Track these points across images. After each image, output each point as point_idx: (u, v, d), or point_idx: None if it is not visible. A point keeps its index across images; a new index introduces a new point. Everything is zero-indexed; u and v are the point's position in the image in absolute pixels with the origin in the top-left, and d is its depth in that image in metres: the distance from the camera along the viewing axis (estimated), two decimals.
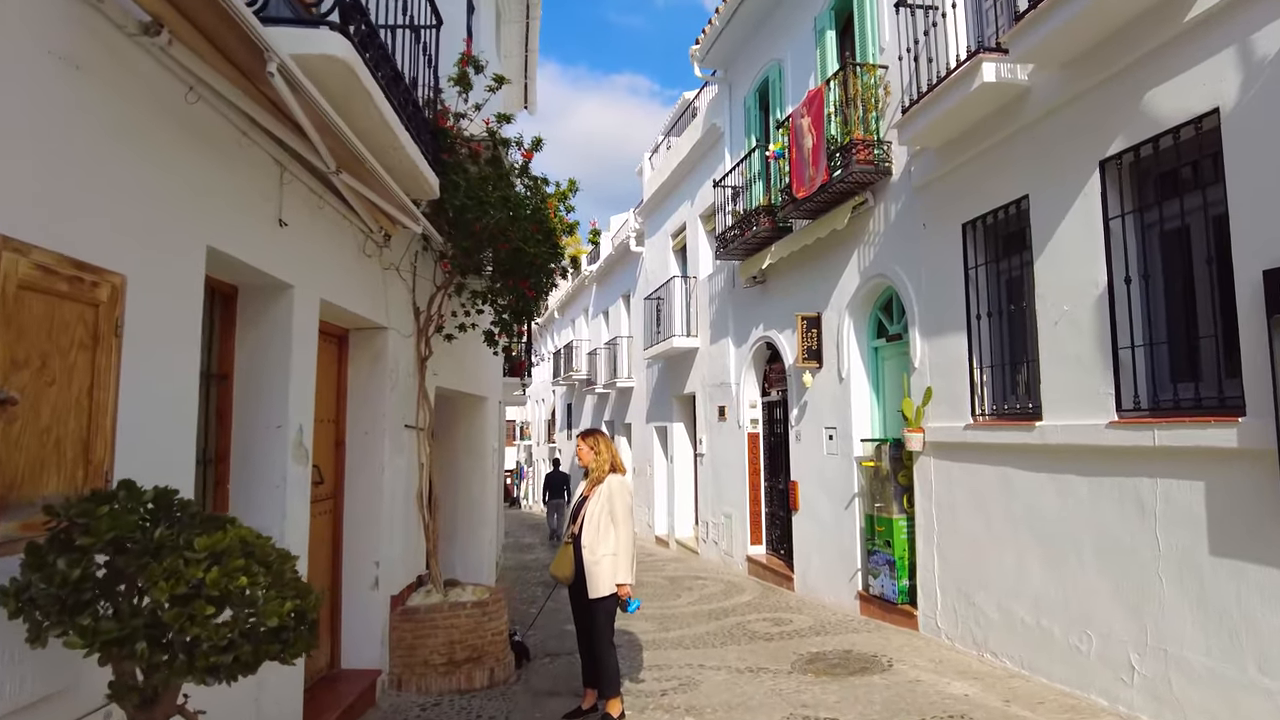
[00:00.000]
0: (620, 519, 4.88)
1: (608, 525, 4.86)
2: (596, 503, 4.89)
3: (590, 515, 4.87)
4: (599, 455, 5.01)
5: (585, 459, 5.04)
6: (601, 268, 19.97)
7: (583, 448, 5.06)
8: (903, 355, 7.69)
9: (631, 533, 4.94)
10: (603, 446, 5.05)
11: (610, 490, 4.91)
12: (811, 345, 8.79)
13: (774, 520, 10.64)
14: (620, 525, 4.87)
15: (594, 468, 5.01)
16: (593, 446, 5.03)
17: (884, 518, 7.43)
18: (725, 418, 11.54)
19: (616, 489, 4.92)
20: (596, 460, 5.01)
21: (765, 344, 10.37)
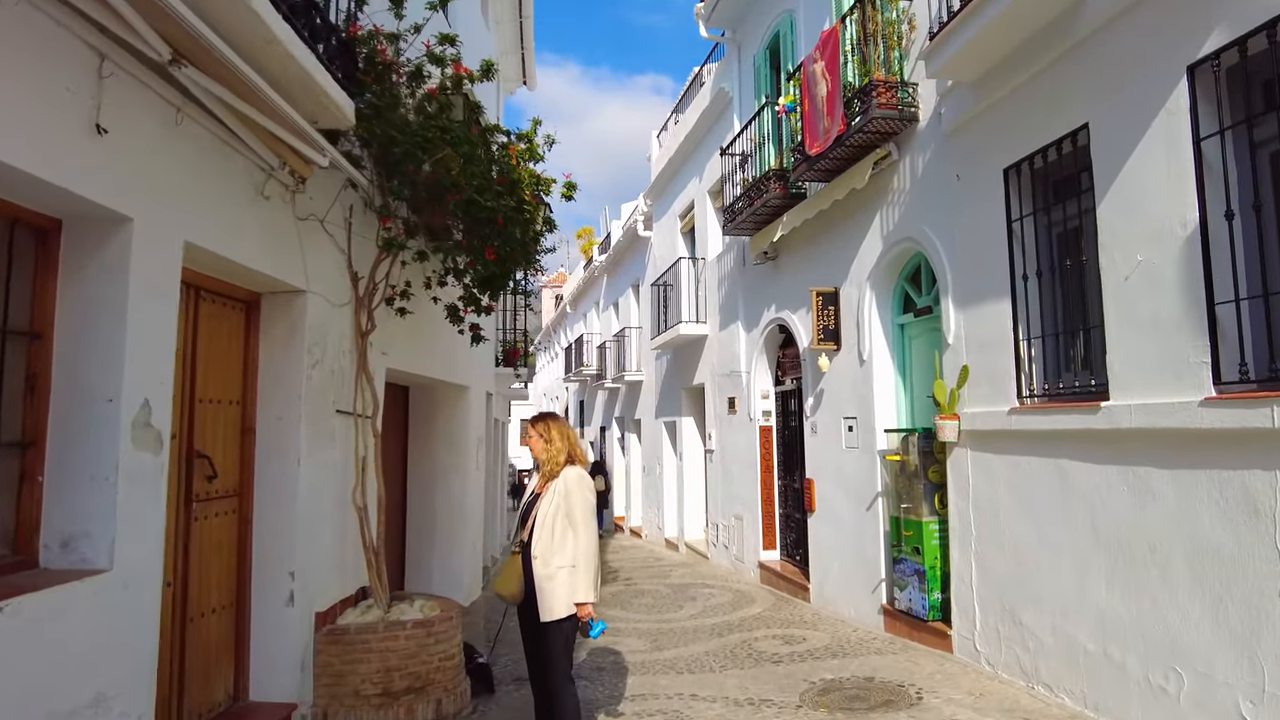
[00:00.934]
0: (580, 522, 3.90)
1: (564, 530, 3.89)
2: (550, 502, 3.92)
3: (542, 518, 3.90)
4: (551, 445, 4.03)
5: (536, 450, 4.07)
6: (611, 257, 19.02)
7: (531, 436, 4.08)
8: (933, 331, 6.63)
9: (594, 539, 3.96)
10: (555, 434, 4.07)
11: (567, 486, 3.93)
12: (828, 324, 7.74)
13: (789, 523, 9.60)
14: (580, 530, 3.90)
15: (545, 460, 4.04)
16: (543, 434, 4.06)
17: (912, 520, 6.38)
18: (735, 410, 10.52)
19: (575, 485, 3.94)
20: (548, 451, 4.03)
21: (778, 327, 9.34)
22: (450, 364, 7.93)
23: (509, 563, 4.01)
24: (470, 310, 6.38)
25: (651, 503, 15.29)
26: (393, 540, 8.28)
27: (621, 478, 18.48)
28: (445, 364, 7.70)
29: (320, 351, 4.74)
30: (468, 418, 8.72)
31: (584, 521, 3.90)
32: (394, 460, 8.37)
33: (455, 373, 8.21)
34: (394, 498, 8.27)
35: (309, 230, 4.62)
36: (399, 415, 8.46)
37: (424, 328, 6.74)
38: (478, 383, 9.35)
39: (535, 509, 3.95)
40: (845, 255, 7.63)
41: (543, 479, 4.02)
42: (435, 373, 7.32)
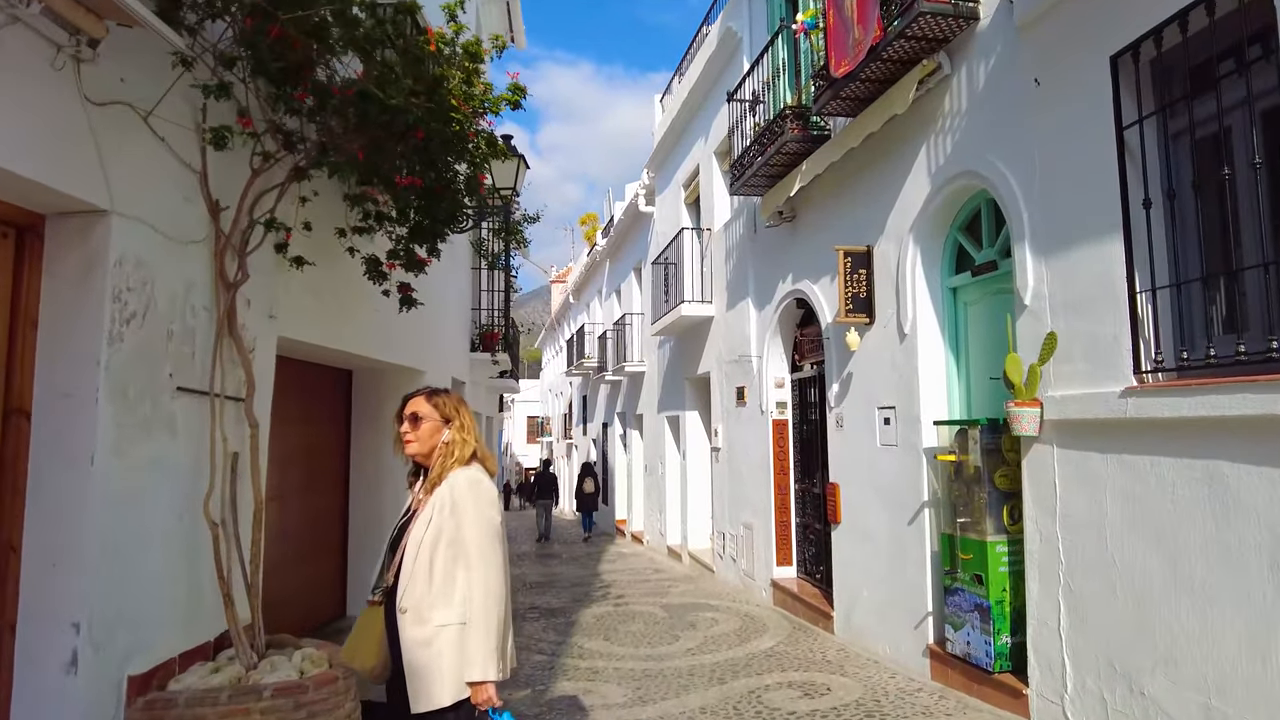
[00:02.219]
0: (477, 552, 2.44)
1: (449, 569, 2.44)
2: (427, 524, 2.46)
3: (414, 549, 2.45)
4: (422, 438, 2.57)
5: (411, 445, 2.59)
6: (612, 240, 17.57)
7: (407, 421, 2.61)
8: (999, 293, 5.13)
9: (498, 578, 2.48)
10: (454, 412, 2.62)
11: (454, 498, 2.47)
12: (858, 292, 6.24)
13: (808, 535, 8.10)
14: (477, 565, 2.44)
15: (420, 454, 2.58)
16: (427, 417, 2.59)
17: (972, 540, 4.88)
18: (745, 401, 9.04)
19: (467, 494, 2.48)
20: (424, 444, 2.58)
21: (795, 300, 7.84)
22: (392, 341, 6.50)
23: (365, 619, 2.55)
24: (396, 265, 4.94)
25: (653, 506, 13.83)
26: (332, 556, 6.89)
27: (623, 478, 17.03)
28: (383, 340, 6.27)
29: (141, 302, 3.31)
30: None
31: (483, 552, 2.44)
32: (333, 460, 6.97)
33: (401, 352, 6.79)
34: (333, 503, 6.88)
35: (117, 125, 3.18)
36: (338, 405, 7.05)
37: (346, 291, 5.33)
38: (438, 367, 7.92)
39: (406, 536, 2.49)
40: (880, 205, 6.13)
41: (428, 485, 2.56)
42: (366, 349, 5.90)
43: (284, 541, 6.04)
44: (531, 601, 8.91)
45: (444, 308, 8.34)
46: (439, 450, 2.55)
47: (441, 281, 8.30)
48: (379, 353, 6.16)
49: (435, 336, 7.87)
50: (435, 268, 8.14)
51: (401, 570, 2.43)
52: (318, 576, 6.66)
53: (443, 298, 8.30)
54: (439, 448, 2.54)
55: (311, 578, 6.53)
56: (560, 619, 7.85)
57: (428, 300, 7.63)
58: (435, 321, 7.86)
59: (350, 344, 5.54)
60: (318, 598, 6.65)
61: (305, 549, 6.40)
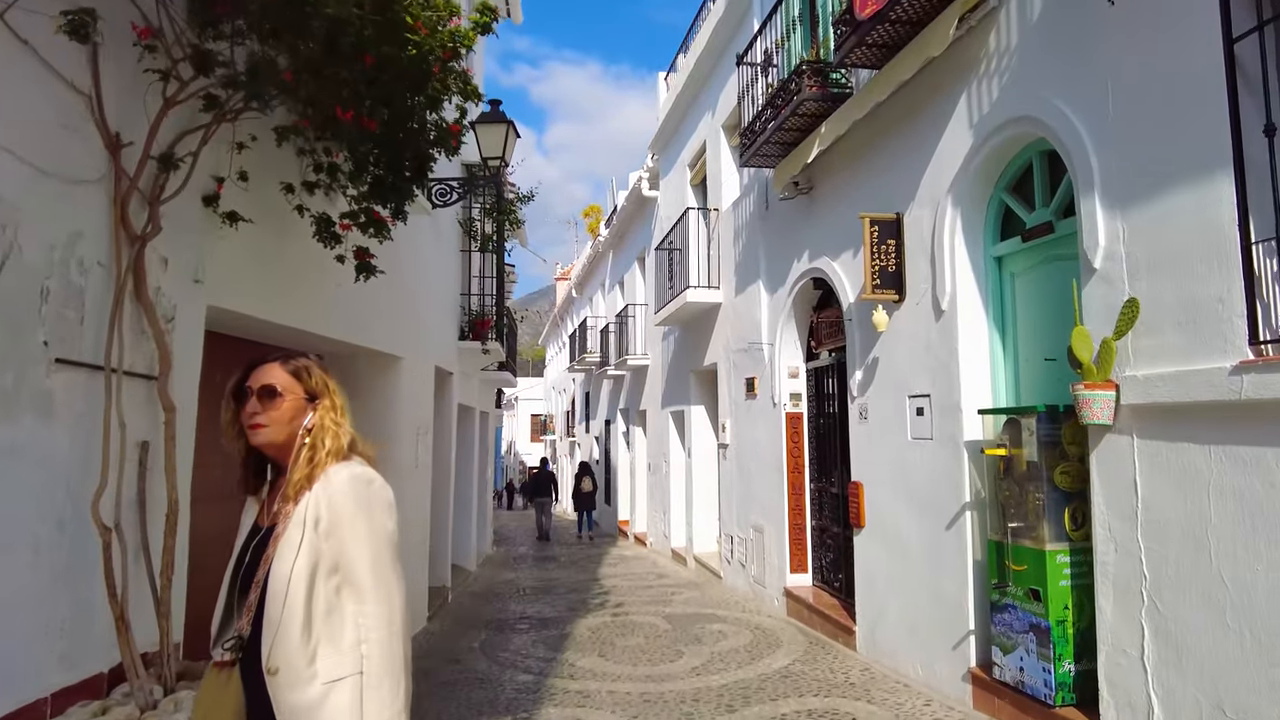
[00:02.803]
0: (374, 580, 1.73)
1: (334, 603, 1.71)
2: (295, 547, 1.69)
3: (278, 583, 1.68)
4: (278, 422, 1.78)
5: (261, 432, 1.78)
6: (615, 229, 16.85)
7: (255, 401, 1.79)
8: (1058, 258, 4.41)
9: (398, 605, 1.76)
10: (302, 390, 1.84)
11: (333, 509, 1.73)
12: (886, 265, 5.51)
13: (825, 539, 7.37)
14: (374, 596, 1.72)
15: (274, 444, 1.80)
16: (287, 392, 1.81)
17: (1026, 548, 4.14)
18: (755, 393, 8.31)
19: (349, 502, 1.74)
20: (281, 430, 1.79)
21: (812, 281, 7.11)
22: (361, 321, 5.80)
23: (210, 687, 1.77)
24: (351, 226, 4.24)
25: (657, 506, 13.11)
26: None
27: (626, 477, 16.32)
28: (349, 320, 5.56)
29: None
30: (399, 399, 6.60)
31: (381, 577, 1.73)
32: None
33: (374, 335, 6.08)
34: None
35: None
36: None
37: (301, 259, 4.62)
38: (420, 354, 7.22)
39: (267, 561, 1.73)
40: (911, 167, 5.40)
41: (289, 493, 1.76)
42: (327, 329, 5.19)
43: None
44: (523, 610, 8.20)
45: (427, 290, 7.65)
46: (303, 439, 1.77)
47: (424, 261, 7.60)
48: (344, 334, 5.46)
49: (416, 321, 7.17)
50: (418, 246, 7.49)
51: (264, 616, 1.68)
52: None
53: (425, 279, 7.60)
54: (303, 435, 1.78)
55: None
56: (553, 630, 7.13)
57: (408, 280, 6.96)
58: (416, 304, 7.16)
59: (306, 321, 4.83)
60: None
61: None
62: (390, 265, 6.48)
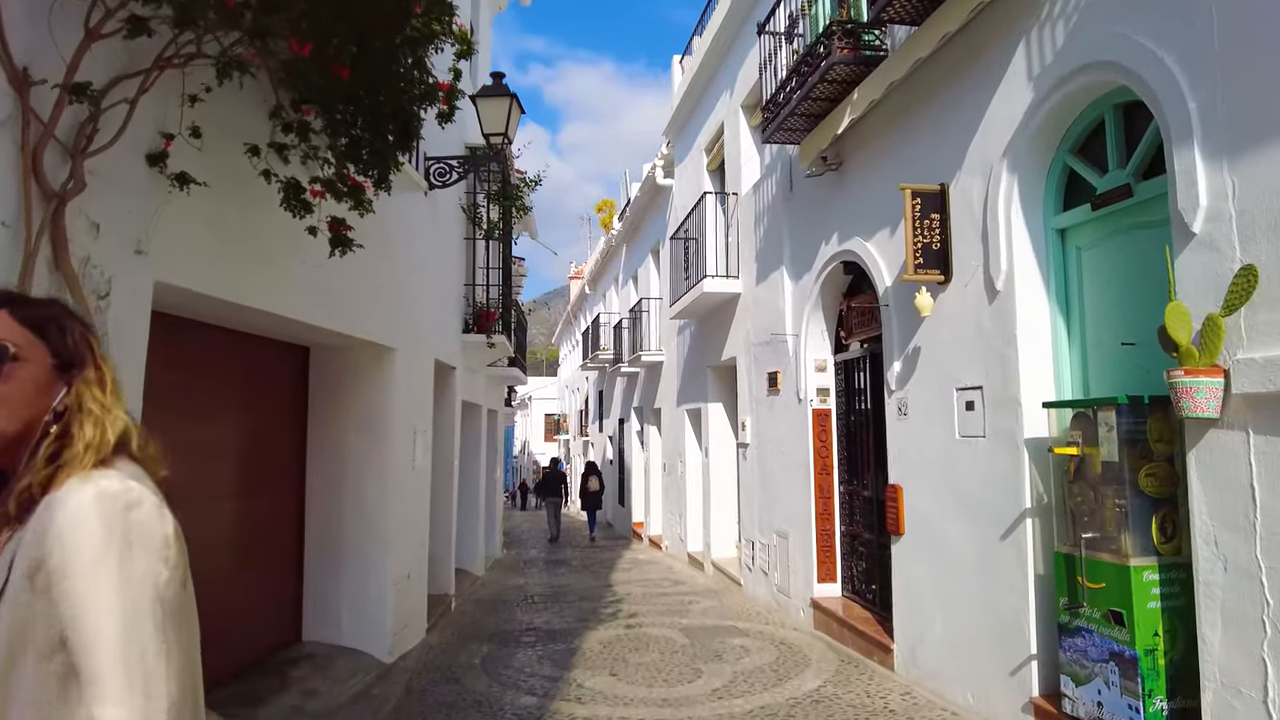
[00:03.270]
0: (114, 670, 1.01)
1: (43, 708, 1.02)
2: None
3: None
4: (10, 405, 1.12)
5: None
6: (629, 220, 16.29)
7: None
8: (1139, 226, 3.82)
9: (178, 698, 1.07)
10: (48, 354, 1.15)
11: (63, 552, 1.03)
12: (930, 242, 4.93)
13: (856, 545, 6.79)
14: (112, 697, 1.00)
15: (1, 433, 1.13)
16: (24, 355, 1.13)
17: (1105, 563, 3.56)
18: (778, 389, 7.73)
19: (88, 540, 1.03)
20: (14, 417, 1.11)
21: (842, 265, 6.52)
22: (350, 307, 5.28)
23: None
24: (321, 192, 3.72)
25: (673, 508, 12.55)
26: (282, 569, 5.72)
27: (640, 478, 15.77)
28: (334, 305, 5.04)
29: None
30: (393, 394, 6.08)
31: (129, 663, 1.02)
32: (285, 455, 5.79)
33: (364, 323, 5.56)
34: (284, 507, 5.71)
35: None
36: (290, 389, 5.86)
37: (274, 234, 4.11)
38: (416, 346, 6.70)
39: None
40: (958, 131, 4.82)
41: (9, 510, 1.11)
42: (307, 314, 4.67)
43: (212, 554, 4.85)
44: (530, 620, 7.67)
45: (425, 278, 7.13)
46: (47, 427, 1.13)
47: (422, 247, 7.09)
48: (327, 320, 4.94)
49: (413, 310, 6.65)
50: (415, 230, 6.97)
51: None
52: (263, 596, 5.47)
53: (423, 266, 7.09)
54: (47, 422, 1.13)
55: (254, 598, 5.34)
56: (560, 645, 6.59)
57: (403, 266, 6.45)
58: (413, 293, 6.65)
59: (279, 304, 4.32)
60: (262, 621, 5.46)
61: (245, 562, 5.21)
62: (383, 248, 5.98)
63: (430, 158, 6.81)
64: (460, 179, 6.78)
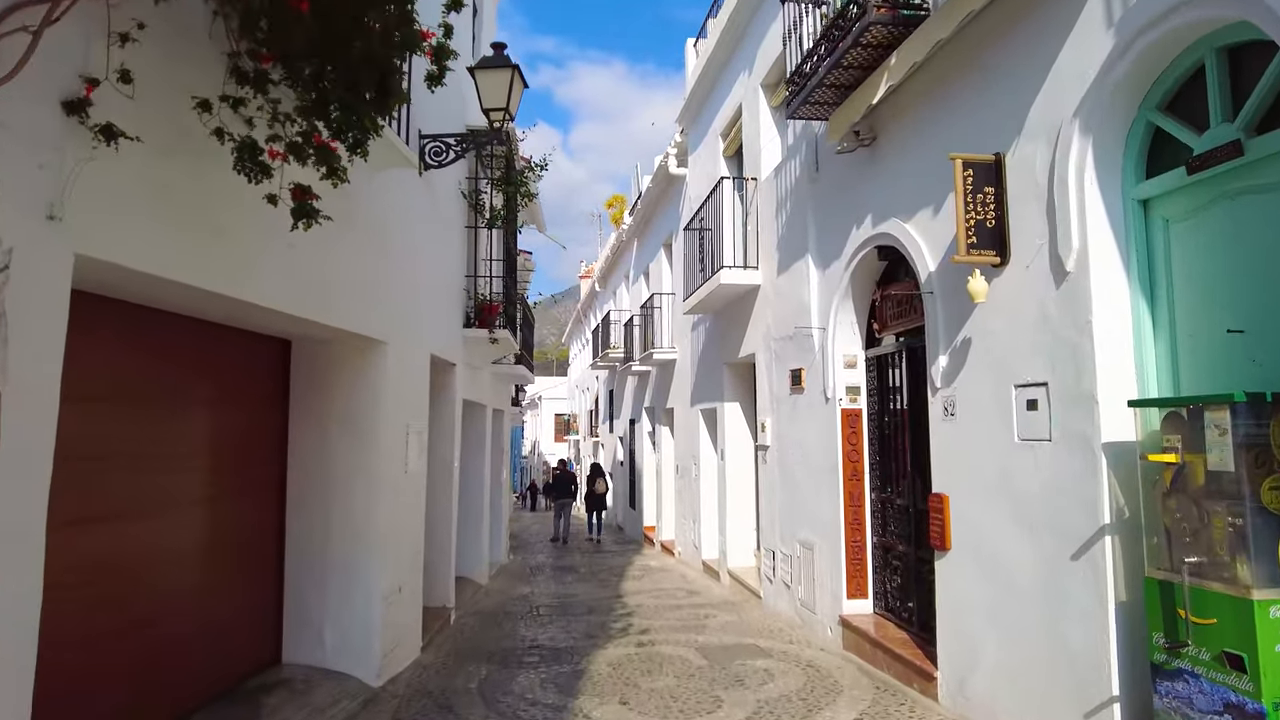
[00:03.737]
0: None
1: None
2: None
3: None
4: None
5: None
6: (640, 214, 15.73)
7: None
8: (1249, 191, 3.21)
9: None
10: None
11: None
12: (984, 219, 4.33)
13: (889, 559, 6.19)
14: None
15: None
16: None
17: (1214, 593, 2.96)
18: (803, 387, 7.14)
19: None
20: None
21: (876, 250, 5.93)
22: (327, 294, 4.73)
23: None
24: (281, 154, 3.17)
25: (687, 513, 11.97)
26: (259, 582, 5.20)
27: (652, 480, 15.20)
28: (309, 291, 4.50)
29: None
30: (383, 392, 5.54)
31: None
32: (262, 458, 5.27)
33: (350, 314, 5.02)
34: (262, 514, 5.20)
35: None
36: (268, 386, 5.33)
37: (232, 202, 3.57)
38: (410, 340, 6.16)
39: None
40: (1016, 90, 4.22)
41: None
42: (278, 300, 4.12)
43: (180, 566, 4.33)
44: (534, 637, 7.11)
45: (420, 267, 6.59)
46: None
47: (417, 234, 6.55)
48: (303, 308, 4.40)
49: (406, 301, 6.12)
50: (409, 214, 6.41)
51: None
52: (238, 613, 4.94)
53: (418, 254, 6.55)
54: None
55: (227, 615, 4.81)
56: (566, 666, 6.04)
57: (396, 253, 5.89)
58: (406, 282, 6.11)
59: (243, 287, 3.77)
60: (236, 641, 4.93)
61: (217, 575, 4.68)
62: (372, 231, 5.45)
63: (425, 135, 6.27)
64: (458, 158, 6.22)
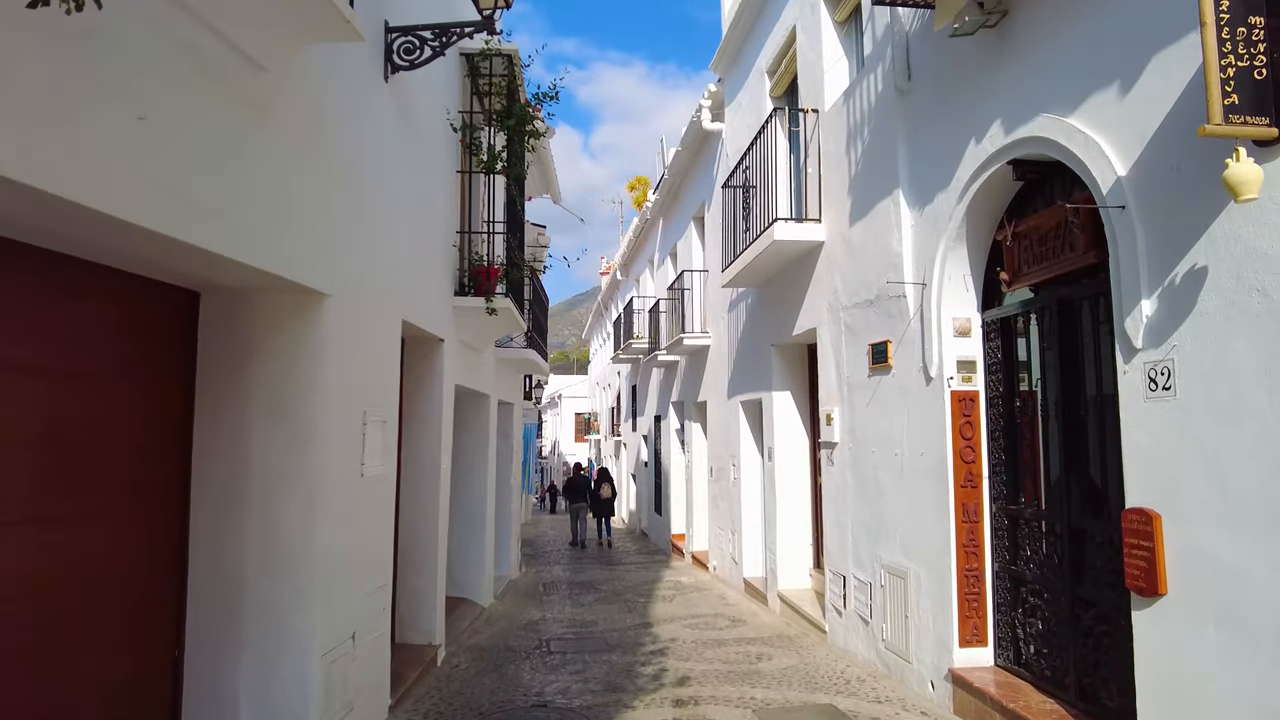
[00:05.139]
0: None
1: None
2: None
3: None
4: None
5: None
6: (668, 184, 14.09)
7: None
8: None
9: None
10: None
11: None
12: (1249, 64, 2.67)
13: (1024, 594, 4.52)
14: None
15: None
16: None
17: None
18: (889, 364, 5.50)
19: None
20: None
21: (1010, 169, 4.27)
22: (236, 215, 3.14)
23: None
24: None
25: (723, 522, 10.33)
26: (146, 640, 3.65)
27: (680, 484, 13.60)
28: (194, 202, 2.91)
29: None
30: (323, 364, 3.97)
31: None
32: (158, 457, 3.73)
33: (271, 249, 3.42)
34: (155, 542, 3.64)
35: None
36: (168, 353, 3.79)
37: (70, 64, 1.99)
38: (366, 296, 4.58)
39: None
40: None
41: None
42: (137, 211, 2.55)
43: None
44: (541, 688, 5.52)
45: (392, 206, 5.01)
46: None
47: (388, 162, 4.96)
48: (181, 225, 2.82)
49: (369, 243, 4.54)
50: (376, 135, 4.49)
51: None
52: (107, 681, 3.39)
53: (388, 187, 4.96)
54: None
55: (88, 685, 3.27)
56: None
57: (353, 180, 4.23)
58: (368, 220, 4.52)
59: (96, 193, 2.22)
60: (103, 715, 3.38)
61: (74, 628, 3.15)
62: (312, 141, 3.88)
63: (395, 28, 4.73)
64: (435, 55, 4.66)
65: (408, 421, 6.08)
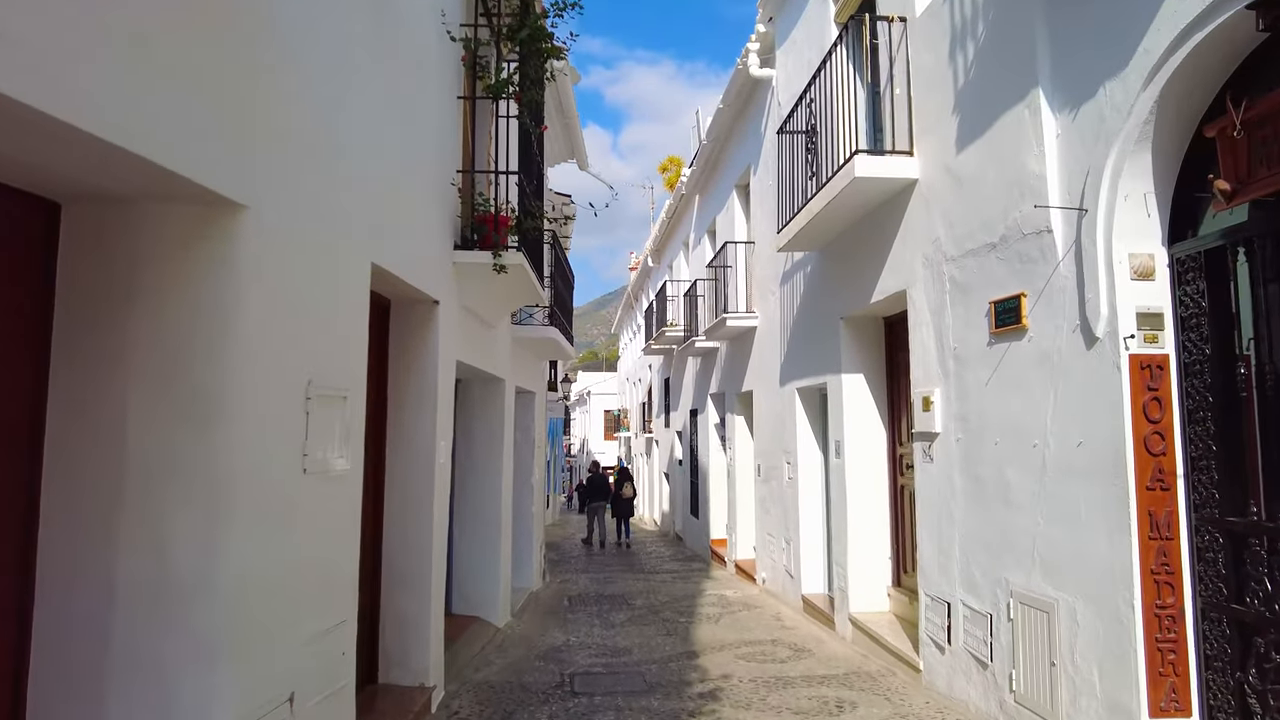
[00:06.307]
0: None
1: None
2: None
3: None
4: None
5: None
6: (708, 152, 12.74)
7: None
8: None
9: None
10: None
11: None
12: None
13: (1252, 641, 3.12)
14: None
15: None
16: None
17: None
18: (1023, 324, 4.12)
19: None
20: None
21: (1244, 22, 2.88)
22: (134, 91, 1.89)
23: None
24: None
25: (774, 529, 8.97)
26: None
27: (721, 484, 12.28)
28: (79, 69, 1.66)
29: None
30: (241, 306, 2.72)
31: None
32: None
33: (168, 132, 2.17)
34: None
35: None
36: (8, 299, 2.54)
37: None
38: (306, 213, 3.31)
39: None
40: None
41: None
42: None
43: None
44: None
45: (362, 114, 3.76)
46: None
47: (355, 50, 3.71)
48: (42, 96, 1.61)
49: (317, 149, 3.30)
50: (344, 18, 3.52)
51: None
52: None
53: (356, 90, 3.71)
54: None
55: None
56: None
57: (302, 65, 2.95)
58: (319, 116, 3.26)
59: None
60: None
61: None
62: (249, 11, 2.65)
63: None
64: None
65: (394, 405, 4.84)
